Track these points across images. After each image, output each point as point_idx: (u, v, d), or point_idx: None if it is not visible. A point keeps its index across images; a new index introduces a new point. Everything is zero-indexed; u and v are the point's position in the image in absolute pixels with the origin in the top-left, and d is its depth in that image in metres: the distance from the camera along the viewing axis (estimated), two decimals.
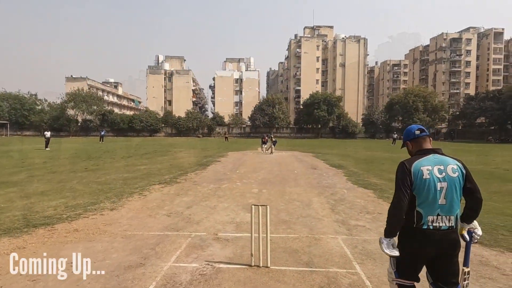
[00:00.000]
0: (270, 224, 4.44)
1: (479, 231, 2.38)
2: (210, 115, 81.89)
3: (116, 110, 77.88)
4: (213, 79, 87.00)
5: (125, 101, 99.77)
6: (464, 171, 2.27)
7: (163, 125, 64.58)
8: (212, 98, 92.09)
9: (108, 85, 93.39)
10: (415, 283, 2.36)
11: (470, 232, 2.37)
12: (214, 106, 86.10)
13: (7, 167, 12.69)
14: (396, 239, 2.33)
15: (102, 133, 38.11)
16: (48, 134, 24.48)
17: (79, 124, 60.39)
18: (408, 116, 61.09)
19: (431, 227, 2.23)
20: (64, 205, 6.52)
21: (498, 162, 16.54)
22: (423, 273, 2.36)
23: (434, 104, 61.88)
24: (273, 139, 23.53)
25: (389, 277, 2.48)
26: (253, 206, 3.85)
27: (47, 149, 22.76)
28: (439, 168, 2.25)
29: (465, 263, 2.37)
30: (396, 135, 41.42)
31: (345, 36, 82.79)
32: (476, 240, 2.39)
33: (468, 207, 2.33)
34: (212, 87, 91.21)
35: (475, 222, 2.39)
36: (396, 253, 2.28)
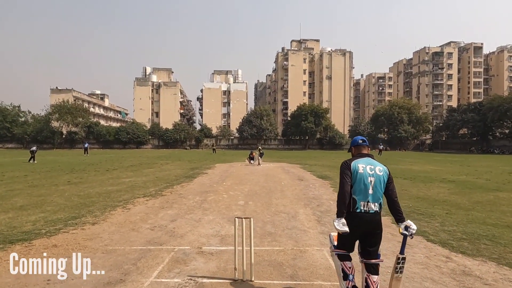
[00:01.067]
0: (255, 237, 4.40)
1: (413, 226, 2.95)
2: (198, 127, 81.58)
3: (103, 122, 76.92)
4: (201, 91, 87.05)
5: (111, 113, 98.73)
6: (388, 173, 3.08)
7: (150, 137, 63.94)
8: (200, 110, 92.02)
9: (95, 96, 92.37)
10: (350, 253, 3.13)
11: (406, 228, 2.94)
12: (202, 118, 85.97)
13: None
14: (344, 219, 2.92)
15: (86, 145, 37.33)
16: (34, 148, 24.33)
17: (63, 136, 59.28)
18: (393, 128, 62.25)
19: (363, 211, 2.95)
20: (43, 219, 6.32)
21: (480, 172, 16.91)
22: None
23: (418, 116, 63.33)
24: (261, 151, 23.54)
25: (330, 251, 3.31)
26: (236, 218, 3.80)
27: (30, 162, 22.35)
28: (370, 167, 3.04)
29: (401, 252, 2.97)
30: (382, 146, 42.14)
31: (331, 50, 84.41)
32: (412, 234, 2.92)
33: (392, 210, 3.05)
34: (200, 99, 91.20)
35: (409, 221, 2.99)
36: (346, 229, 2.86)
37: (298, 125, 60.58)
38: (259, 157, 22.43)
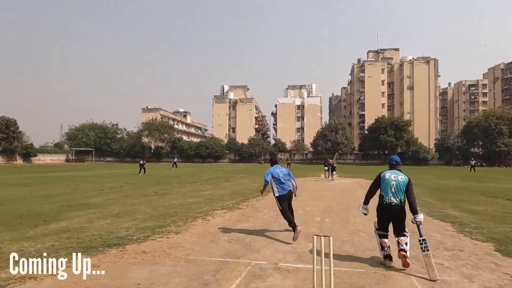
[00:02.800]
0: (333, 256, 4.18)
1: (417, 218, 4.46)
2: (272, 142, 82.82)
3: (185, 137, 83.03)
4: (275, 106, 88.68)
5: (192, 129, 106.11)
6: (407, 180, 4.64)
7: (227, 151, 66.97)
8: (274, 124, 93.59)
9: (178, 114, 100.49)
10: (387, 233, 4.71)
11: (415, 218, 4.47)
12: (276, 132, 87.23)
13: (89, 191, 14.08)
14: (368, 206, 4.87)
15: (174, 159, 40.51)
16: (141, 161, 27.42)
17: (152, 151, 65.45)
18: (490, 141, 55.10)
19: (387, 202, 4.60)
20: (135, 227, 6.94)
21: None
22: None
23: None
24: (332, 164, 22.08)
25: (374, 231, 4.91)
26: (315, 236, 3.66)
27: (140, 174, 25.06)
28: (394, 176, 4.67)
29: (420, 235, 4.40)
30: (474, 161, 37.27)
31: (413, 58, 79.05)
32: (418, 223, 4.46)
33: (409, 206, 4.54)
34: (274, 114, 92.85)
35: (420, 214, 4.51)
36: (365, 212, 4.87)
37: (376, 138, 57.49)
38: (332, 172, 21.36)
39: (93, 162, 62.82)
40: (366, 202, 4.87)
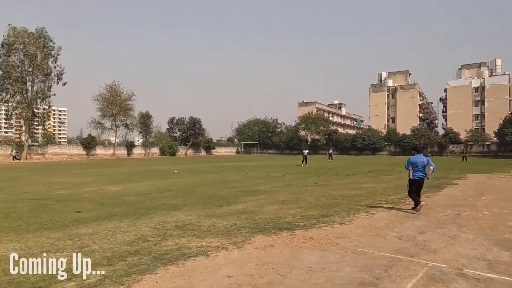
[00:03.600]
0: None
1: None
2: (441, 131, 72.48)
3: (340, 129, 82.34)
4: (445, 90, 77.01)
5: (348, 121, 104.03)
6: None
7: (386, 143, 62.72)
8: (443, 112, 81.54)
9: (333, 106, 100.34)
10: None
11: None
12: (445, 121, 75.85)
13: (257, 179, 15.77)
14: None
15: (330, 151, 40.82)
16: (305, 152, 28.86)
17: (308, 143, 67.88)
18: None
19: None
20: (300, 214, 7.35)
21: None
22: None
23: None
24: None
25: None
26: None
27: (302, 164, 26.62)
28: None
29: None
30: None
31: None
32: None
33: None
34: (443, 100, 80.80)
35: None
36: None
37: None
38: None
39: (257, 153, 70.26)
40: None
